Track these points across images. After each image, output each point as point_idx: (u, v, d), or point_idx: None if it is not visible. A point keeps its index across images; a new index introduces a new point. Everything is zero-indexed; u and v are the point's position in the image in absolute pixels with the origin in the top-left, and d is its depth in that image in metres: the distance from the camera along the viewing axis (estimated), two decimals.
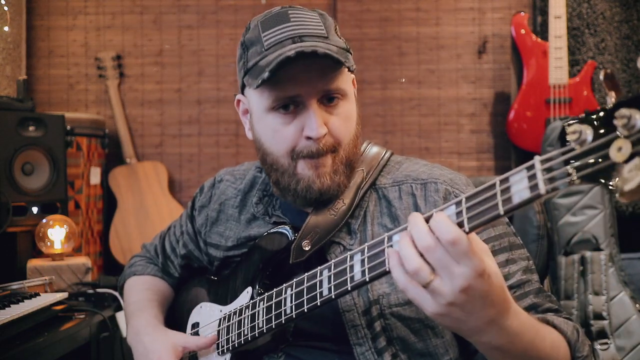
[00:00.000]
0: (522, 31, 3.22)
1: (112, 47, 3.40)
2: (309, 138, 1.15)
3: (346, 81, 1.20)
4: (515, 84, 3.33)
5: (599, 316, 2.35)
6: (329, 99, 1.16)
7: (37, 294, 1.84)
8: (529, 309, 1.08)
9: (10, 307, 1.66)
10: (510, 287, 1.09)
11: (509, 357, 0.93)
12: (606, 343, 2.33)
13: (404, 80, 3.41)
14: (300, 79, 1.13)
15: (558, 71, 3.09)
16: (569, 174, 0.72)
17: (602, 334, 2.33)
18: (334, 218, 1.19)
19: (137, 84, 3.41)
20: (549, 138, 2.74)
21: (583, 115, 0.74)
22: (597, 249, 2.47)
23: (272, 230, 1.26)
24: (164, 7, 3.42)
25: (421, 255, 0.83)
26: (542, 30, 3.25)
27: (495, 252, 1.11)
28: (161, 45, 3.42)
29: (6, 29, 2.93)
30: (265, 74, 1.09)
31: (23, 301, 1.73)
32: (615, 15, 3.30)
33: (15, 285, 1.93)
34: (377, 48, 3.42)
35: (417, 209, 1.18)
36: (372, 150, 1.29)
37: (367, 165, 1.25)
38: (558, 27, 3.10)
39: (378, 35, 3.42)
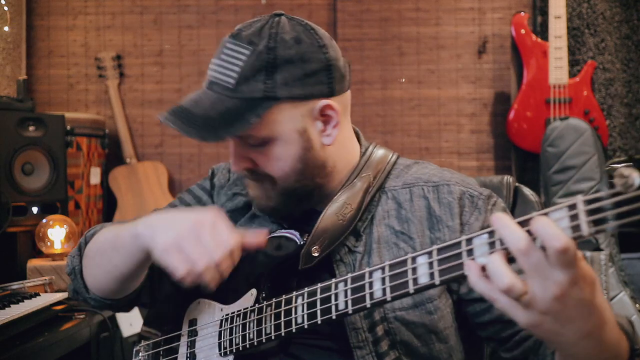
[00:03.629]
0: (522, 31, 3.22)
1: (112, 47, 3.40)
2: None
3: (272, 126, 1.12)
4: (515, 84, 3.33)
5: None
6: (251, 145, 1.14)
7: (37, 294, 1.84)
8: None
9: (10, 307, 1.66)
10: None
11: None
12: None
13: (404, 80, 3.41)
14: None
15: (558, 71, 3.09)
16: (617, 218, 0.70)
17: None
18: (342, 223, 1.17)
19: (137, 84, 3.41)
20: (549, 138, 2.75)
21: (629, 159, 0.74)
22: (597, 249, 2.47)
23: (278, 234, 1.25)
24: (164, 7, 3.42)
25: (509, 261, 0.78)
26: (542, 30, 3.25)
27: None
28: (161, 45, 3.42)
29: (6, 29, 2.93)
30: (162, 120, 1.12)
31: (23, 301, 1.73)
32: (615, 15, 3.30)
33: (15, 285, 1.93)
34: (377, 48, 3.42)
35: (430, 211, 1.16)
36: (378, 153, 1.26)
37: (373, 170, 1.23)
38: (558, 27, 3.10)
39: (378, 35, 3.42)
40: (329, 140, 1.18)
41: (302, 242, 1.19)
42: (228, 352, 1.22)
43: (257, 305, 1.18)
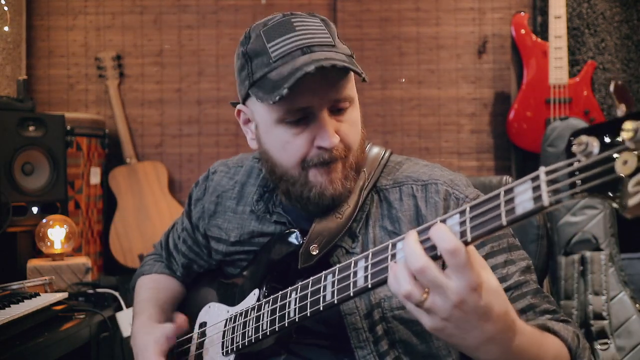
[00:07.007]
0: (522, 31, 3.22)
1: (112, 47, 3.40)
2: (320, 147, 1.14)
3: (353, 87, 1.20)
4: (515, 84, 3.33)
5: (599, 316, 2.35)
6: (338, 109, 1.16)
7: (37, 294, 1.84)
8: (527, 309, 1.08)
9: (10, 307, 1.66)
10: (509, 288, 1.09)
11: None
12: (606, 343, 2.33)
13: (404, 80, 3.41)
14: (313, 91, 1.11)
15: (558, 71, 3.09)
16: (573, 186, 0.71)
17: (602, 334, 2.33)
18: (339, 221, 1.18)
19: (137, 84, 3.41)
20: (549, 138, 2.75)
21: (590, 126, 0.72)
22: (597, 249, 2.47)
23: (280, 234, 1.26)
24: (164, 7, 3.42)
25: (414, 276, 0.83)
26: (542, 30, 3.26)
27: (494, 253, 1.11)
28: (161, 45, 3.42)
29: (6, 29, 2.93)
30: (284, 91, 1.06)
31: (23, 301, 1.73)
32: (615, 15, 3.30)
33: (15, 285, 1.93)
34: (377, 48, 3.42)
35: (418, 210, 1.18)
36: (373, 151, 1.28)
37: (368, 167, 1.25)
38: (558, 27, 3.10)
39: (378, 35, 3.42)
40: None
41: (301, 242, 1.20)
42: (229, 351, 1.23)
43: (257, 303, 1.20)
